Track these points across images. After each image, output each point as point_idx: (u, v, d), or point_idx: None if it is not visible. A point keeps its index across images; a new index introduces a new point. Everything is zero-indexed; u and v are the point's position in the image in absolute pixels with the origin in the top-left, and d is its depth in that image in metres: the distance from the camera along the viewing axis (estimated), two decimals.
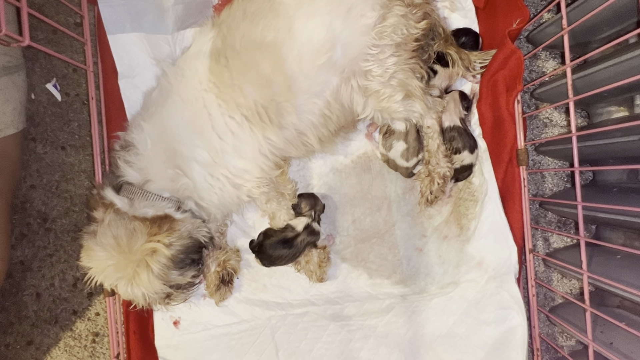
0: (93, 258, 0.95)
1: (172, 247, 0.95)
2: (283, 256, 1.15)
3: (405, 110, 1.05)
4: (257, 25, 0.95)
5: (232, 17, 1.00)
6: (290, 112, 0.99)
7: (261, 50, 0.95)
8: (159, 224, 0.95)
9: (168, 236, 0.95)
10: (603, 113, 1.20)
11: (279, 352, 1.23)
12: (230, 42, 0.97)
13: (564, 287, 1.33)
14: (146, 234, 0.94)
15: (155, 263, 0.93)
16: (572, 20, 1.00)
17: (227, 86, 0.97)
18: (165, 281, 0.97)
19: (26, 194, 1.37)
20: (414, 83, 1.04)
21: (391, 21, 0.97)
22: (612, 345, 1.00)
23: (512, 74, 1.11)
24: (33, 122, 1.37)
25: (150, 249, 0.93)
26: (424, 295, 1.22)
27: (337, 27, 0.94)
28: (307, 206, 1.18)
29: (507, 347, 1.14)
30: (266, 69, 0.95)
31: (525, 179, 1.16)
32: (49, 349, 1.38)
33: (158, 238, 0.94)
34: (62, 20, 1.38)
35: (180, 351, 1.24)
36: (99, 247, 0.94)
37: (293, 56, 0.94)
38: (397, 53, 0.99)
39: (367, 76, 1.00)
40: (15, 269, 1.37)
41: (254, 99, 0.97)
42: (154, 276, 0.94)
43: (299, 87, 0.97)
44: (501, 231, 1.17)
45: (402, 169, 1.22)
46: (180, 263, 0.99)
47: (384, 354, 1.21)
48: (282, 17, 0.94)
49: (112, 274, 0.94)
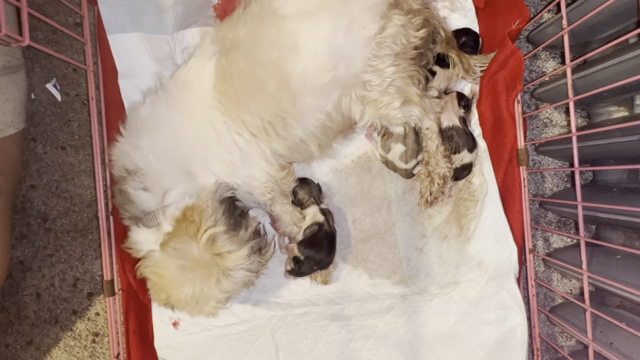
0: (181, 300, 0.92)
1: (217, 223, 0.92)
2: (332, 251, 1.16)
3: (403, 116, 1.06)
4: (262, 42, 0.94)
5: (235, 31, 0.99)
6: (295, 126, 1.00)
7: (266, 70, 0.94)
8: (188, 220, 0.92)
9: (205, 219, 0.91)
10: (603, 113, 1.20)
11: (279, 352, 1.23)
12: (234, 59, 0.96)
13: (564, 287, 1.33)
14: (191, 238, 0.90)
15: (223, 246, 0.91)
16: (572, 20, 1.00)
17: (233, 105, 0.96)
18: (241, 247, 0.94)
19: (26, 194, 1.37)
20: (411, 90, 1.04)
21: (390, 31, 0.97)
22: (612, 345, 1.00)
23: (512, 74, 1.11)
24: (33, 122, 1.37)
25: (205, 243, 0.89)
26: (424, 295, 1.22)
27: (340, 41, 0.94)
28: (305, 195, 1.17)
29: (507, 347, 1.14)
30: (272, 87, 0.95)
31: (525, 179, 1.16)
32: (49, 349, 1.38)
33: (202, 228, 0.90)
34: (62, 20, 1.38)
35: (180, 352, 1.24)
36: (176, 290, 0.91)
37: (298, 74, 0.94)
38: (396, 62, 0.99)
39: (365, 86, 1.00)
40: (15, 269, 1.37)
41: (260, 116, 0.97)
42: (232, 254, 0.92)
43: (304, 104, 0.97)
44: (501, 231, 1.17)
45: (402, 171, 1.22)
46: (235, 225, 0.95)
47: (384, 354, 1.21)
48: (286, 31, 0.94)
49: (206, 289, 0.91)
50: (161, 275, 0.92)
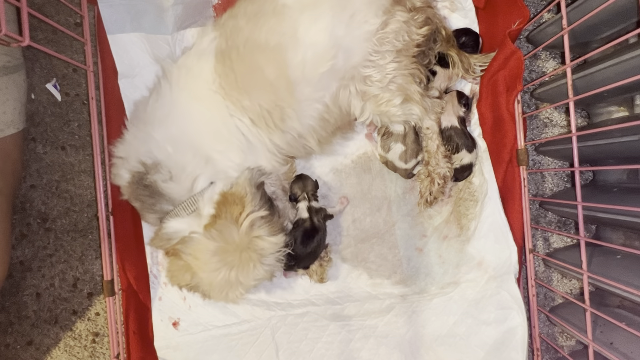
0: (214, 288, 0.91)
1: (258, 207, 0.92)
2: (318, 244, 1.14)
3: (404, 114, 1.06)
4: (261, 29, 0.94)
5: (235, 18, 0.99)
6: (292, 117, 0.99)
7: (265, 55, 0.94)
8: (230, 204, 0.91)
9: (247, 204, 0.91)
10: (603, 113, 1.20)
11: (279, 352, 1.23)
12: (235, 43, 0.96)
13: (564, 287, 1.33)
14: (233, 222, 0.89)
15: (262, 231, 0.91)
16: (572, 20, 1.00)
17: (233, 88, 0.97)
18: (278, 232, 0.94)
19: (26, 194, 1.37)
20: (412, 88, 1.04)
21: (393, 27, 0.97)
22: (612, 345, 1.00)
23: (512, 74, 1.11)
24: (33, 122, 1.37)
25: (247, 227, 0.89)
26: (424, 295, 1.22)
27: (340, 33, 0.94)
28: (299, 190, 1.17)
29: (507, 347, 1.14)
30: (270, 74, 0.95)
31: (525, 179, 1.16)
32: (49, 349, 1.38)
33: (245, 212, 0.90)
34: (62, 20, 1.38)
35: (180, 352, 1.24)
36: (211, 274, 0.90)
37: (296, 62, 0.94)
38: (397, 59, 0.99)
39: (365, 81, 1.00)
40: (15, 269, 1.37)
41: (258, 103, 0.97)
42: (271, 238, 0.92)
43: (302, 93, 0.97)
44: (501, 231, 1.17)
45: (401, 171, 1.22)
46: (271, 210, 0.96)
47: (384, 354, 1.21)
48: (286, 21, 0.94)
49: (241, 274, 0.90)
50: (196, 257, 0.91)
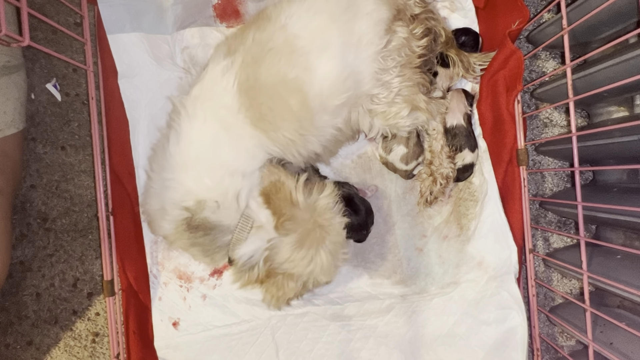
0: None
1: (295, 178, 0.95)
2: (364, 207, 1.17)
3: (412, 123, 1.07)
4: (279, 61, 0.94)
5: (244, 45, 0.97)
6: (313, 142, 1.01)
7: (287, 87, 0.94)
8: (273, 193, 0.93)
9: (286, 183, 0.93)
10: (603, 113, 1.20)
11: (279, 352, 1.23)
12: (256, 75, 0.95)
13: (564, 287, 1.33)
14: (288, 204, 0.92)
15: (312, 192, 0.94)
16: (572, 20, 1.00)
17: (259, 120, 0.96)
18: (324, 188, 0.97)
19: (26, 194, 1.37)
20: (418, 97, 1.05)
21: (395, 44, 0.98)
22: (612, 345, 1.00)
23: (512, 74, 1.11)
24: (33, 122, 1.37)
25: (303, 200, 0.92)
26: (424, 295, 1.22)
27: (350, 59, 0.95)
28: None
29: (507, 347, 1.14)
30: (294, 105, 0.95)
31: (525, 179, 1.16)
32: (49, 349, 1.38)
33: (291, 189, 0.93)
34: (62, 20, 1.38)
35: (180, 352, 1.23)
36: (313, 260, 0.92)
37: (314, 93, 0.94)
38: (401, 73, 1.00)
39: (372, 99, 1.01)
40: (15, 269, 1.37)
41: (282, 133, 0.97)
42: (323, 193, 0.95)
43: (321, 120, 0.98)
44: (501, 231, 1.17)
45: (401, 172, 1.22)
46: (303, 171, 1.02)
47: (384, 354, 1.21)
48: (299, 53, 0.93)
49: (329, 235, 0.92)
50: (291, 260, 0.92)
